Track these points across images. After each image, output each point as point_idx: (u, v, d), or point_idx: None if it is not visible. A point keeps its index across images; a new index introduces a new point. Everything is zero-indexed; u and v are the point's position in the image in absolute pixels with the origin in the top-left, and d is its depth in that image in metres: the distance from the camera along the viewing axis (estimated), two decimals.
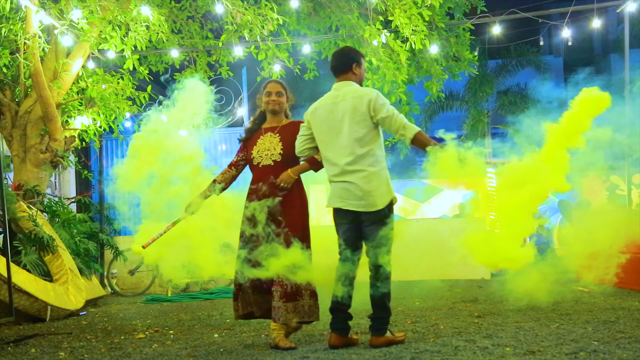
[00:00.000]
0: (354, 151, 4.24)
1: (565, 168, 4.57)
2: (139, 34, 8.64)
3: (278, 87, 4.70)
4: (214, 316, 6.52)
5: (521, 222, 4.48)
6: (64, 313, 6.87)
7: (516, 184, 4.53)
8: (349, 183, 4.25)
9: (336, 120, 4.31)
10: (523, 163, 4.59)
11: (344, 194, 4.27)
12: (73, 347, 4.87)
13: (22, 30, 8.61)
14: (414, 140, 4.24)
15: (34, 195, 8.83)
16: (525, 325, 4.81)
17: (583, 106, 4.66)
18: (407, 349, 3.99)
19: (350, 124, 4.26)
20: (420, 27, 8.96)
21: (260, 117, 4.79)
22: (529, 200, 4.48)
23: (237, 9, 8.77)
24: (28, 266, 7.01)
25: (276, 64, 9.98)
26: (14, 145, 9.42)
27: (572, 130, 4.64)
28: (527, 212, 4.53)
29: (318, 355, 3.97)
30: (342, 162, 4.26)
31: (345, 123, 4.27)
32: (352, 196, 4.24)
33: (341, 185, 4.29)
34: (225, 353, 4.26)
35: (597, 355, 3.51)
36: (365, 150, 4.24)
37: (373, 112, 4.24)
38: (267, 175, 4.51)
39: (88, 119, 10.08)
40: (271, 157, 4.55)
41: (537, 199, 4.57)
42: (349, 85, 4.41)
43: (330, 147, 4.33)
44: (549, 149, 4.63)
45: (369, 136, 4.26)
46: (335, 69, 4.48)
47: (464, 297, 7.21)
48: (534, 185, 4.45)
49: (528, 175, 4.48)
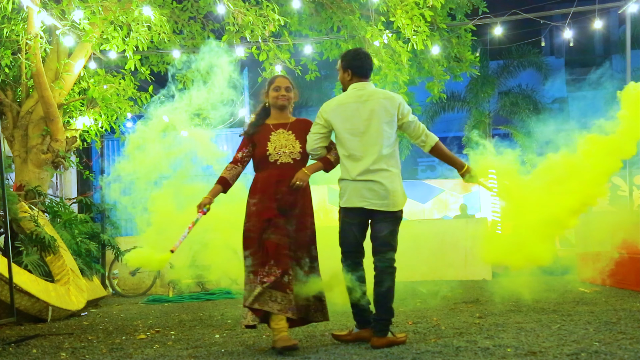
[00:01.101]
0: (381, 151, 4.30)
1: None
2: (140, 34, 8.65)
3: (287, 82, 4.66)
4: (216, 317, 6.52)
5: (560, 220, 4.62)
6: (65, 313, 6.87)
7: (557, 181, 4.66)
8: (373, 182, 4.29)
9: (362, 119, 4.34)
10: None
11: (367, 193, 4.30)
12: (74, 347, 4.87)
13: (23, 31, 8.62)
14: (434, 148, 4.41)
15: (36, 196, 8.84)
16: (526, 326, 4.80)
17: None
18: (409, 350, 3.99)
19: (379, 123, 4.32)
20: (422, 27, 8.97)
21: (264, 112, 4.68)
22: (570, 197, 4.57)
23: (239, 10, 8.78)
24: (29, 267, 7.01)
25: (277, 65, 9.98)
26: (16, 146, 9.43)
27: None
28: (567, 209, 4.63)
29: (319, 355, 3.97)
30: (368, 161, 4.30)
31: (374, 122, 4.32)
32: (376, 196, 4.28)
33: (363, 185, 4.31)
34: (226, 354, 4.26)
35: (598, 356, 3.50)
36: (390, 151, 4.34)
37: (401, 115, 4.35)
38: (287, 174, 4.40)
39: (89, 119, 10.09)
40: (290, 155, 4.46)
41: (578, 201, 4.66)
42: (370, 86, 4.48)
43: (354, 145, 4.34)
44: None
45: (393, 137, 4.38)
46: (366, 70, 4.51)
47: (465, 297, 7.20)
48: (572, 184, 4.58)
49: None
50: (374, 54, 9.30)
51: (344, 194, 4.40)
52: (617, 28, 21.06)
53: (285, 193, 4.38)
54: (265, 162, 4.49)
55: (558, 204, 4.55)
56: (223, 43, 9.64)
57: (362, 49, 4.85)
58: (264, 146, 4.49)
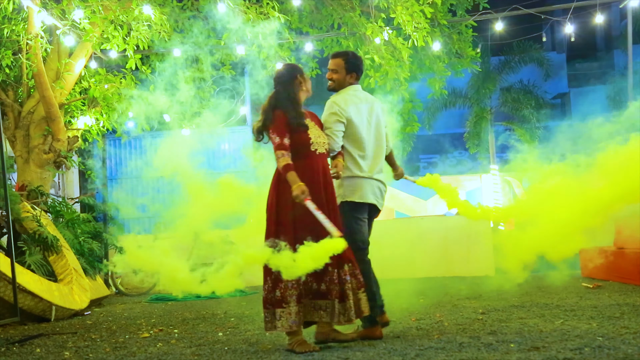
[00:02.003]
0: (384, 153, 4.68)
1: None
2: (141, 33, 8.65)
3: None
4: (219, 315, 6.52)
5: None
6: (68, 313, 6.88)
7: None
8: (381, 183, 4.59)
9: (372, 121, 4.58)
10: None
11: (378, 192, 4.58)
12: (78, 346, 4.87)
13: (24, 31, 8.62)
14: (390, 154, 4.83)
15: (38, 196, 8.85)
16: (529, 321, 4.80)
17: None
18: (412, 346, 3.99)
19: (382, 127, 4.65)
20: (423, 24, 8.95)
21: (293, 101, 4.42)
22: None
23: (239, 8, 8.77)
24: (32, 266, 7.02)
25: (278, 63, 9.97)
26: (17, 146, 9.44)
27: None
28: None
29: (323, 353, 3.97)
30: (379, 161, 4.59)
31: (380, 125, 4.62)
32: (382, 196, 4.62)
33: (376, 184, 4.55)
34: (229, 352, 4.26)
35: (601, 351, 3.50)
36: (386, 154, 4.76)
37: (384, 122, 4.70)
38: (324, 164, 4.32)
39: (91, 119, 10.10)
40: (323, 145, 4.34)
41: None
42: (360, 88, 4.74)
43: (369, 145, 4.54)
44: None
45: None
46: (361, 72, 4.75)
47: (468, 293, 7.20)
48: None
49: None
50: (375, 51, 9.30)
51: (356, 190, 4.48)
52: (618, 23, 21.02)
53: (329, 184, 4.33)
54: (307, 151, 4.27)
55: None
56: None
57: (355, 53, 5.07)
58: (306, 134, 4.31)
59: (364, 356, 3.76)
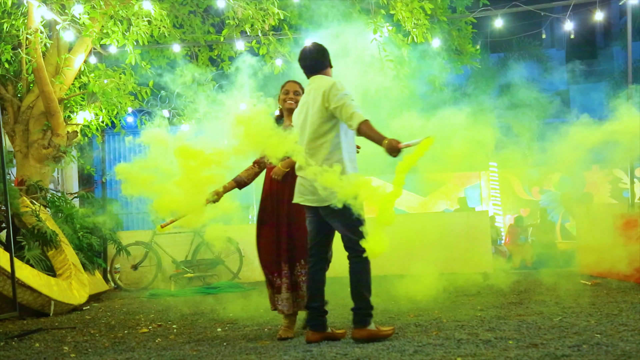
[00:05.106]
0: (308, 144, 4.25)
1: None
2: (140, 28, 8.63)
3: (296, 87, 4.75)
4: (217, 310, 6.53)
5: None
6: (67, 308, 6.88)
7: None
8: (303, 178, 4.34)
9: (302, 112, 4.37)
10: None
11: (302, 189, 4.36)
12: (77, 341, 4.88)
13: (24, 26, 8.61)
14: (360, 130, 4.08)
15: (37, 191, 8.85)
16: (527, 318, 4.81)
17: None
18: (410, 342, 3.99)
19: (309, 115, 4.28)
20: (422, 20, 8.94)
21: (279, 116, 4.86)
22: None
23: (239, 4, 8.76)
24: (31, 261, 7.02)
25: (278, 59, 9.97)
26: (17, 141, 9.43)
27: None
28: None
29: (321, 348, 3.98)
30: (308, 154, 4.26)
31: (309, 113, 4.29)
32: (310, 191, 4.31)
33: (299, 181, 4.36)
34: (228, 347, 4.27)
35: (599, 348, 3.51)
36: (320, 142, 4.23)
37: (327, 102, 4.18)
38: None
39: (90, 114, 10.09)
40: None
41: None
42: (318, 79, 4.39)
43: (300, 140, 4.29)
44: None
45: (323, 128, 4.22)
46: (311, 67, 4.43)
47: (466, 290, 7.21)
48: None
49: None
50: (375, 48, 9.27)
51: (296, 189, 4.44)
52: (618, 20, 20.99)
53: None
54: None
55: None
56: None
57: (308, 45, 4.55)
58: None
59: (362, 352, 3.76)
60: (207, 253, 10.27)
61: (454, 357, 3.47)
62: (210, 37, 10.42)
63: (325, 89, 4.18)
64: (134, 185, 4.79)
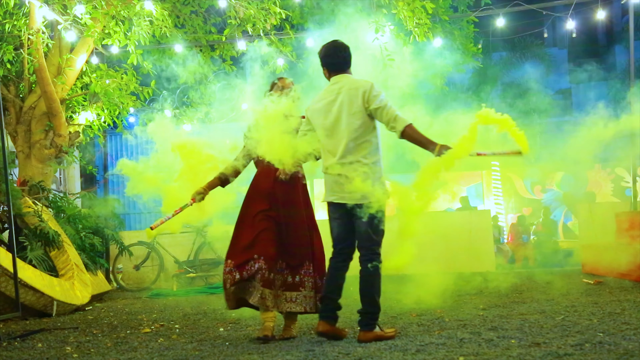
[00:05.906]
0: (348, 144, 4.23)
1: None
2: (142, 28, 8.63)
3: (285, 83, 4.74)
4: (220, 310, 6.53)
5: None
6: (70, 308, 6.89)
7: None
8: (340, 176, 4.28)
9: (333, 110, 4.28)
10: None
11: (336, 187, 4.33)
12: (79, 341, 4.88)
13: (25, 26, 8.62)
14: (404, 133, 4.13)
15: (39, 191, 8.86)
16: (530, 317, 4.80)
17: None
18: (413, 342, 3.99)
19: (346, 116, 4.22)
20: (424, 20, 8.93)
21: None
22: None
23: (240, 3, 8.76)
24: (34, 261, 7.03)
25: (279, 58, 9.96)
26: (19, 141, 9.44)
27: None
28: None
29: (323, 348, 3.98)
30: (336, 153, 4.25)
31: (343, 112, 4.23)
32: (342, 189, 4.32)
33: (332, 179, 4.32)
34: (231, 347, 4.27)
35: (602, 347, 3.50)
36: (360, 142, 4.22)
37: (366, 103, 4.18)
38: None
39: (92, 114, 10.10)
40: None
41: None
42: (345, 78, 4.37)
43: (326, 141, 4.30)
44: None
45: (363, 129, 4.21)
46: (339, 64, 4.40)
47: (468, 289, 7.21)
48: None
49: None
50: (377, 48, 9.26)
51: (325, 189, 4.41)
52: (620, 18, 20.96)
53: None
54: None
55: None
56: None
57: (334, 42, 4.51)
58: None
59: (364, 352, 3.76)
60: (210, 253, 10.28)
61: (456, 356, 3.47)
62: (212, 37, 10.42)
63: (365, 89, 4.19)
64: (139, 184, 4.79)
